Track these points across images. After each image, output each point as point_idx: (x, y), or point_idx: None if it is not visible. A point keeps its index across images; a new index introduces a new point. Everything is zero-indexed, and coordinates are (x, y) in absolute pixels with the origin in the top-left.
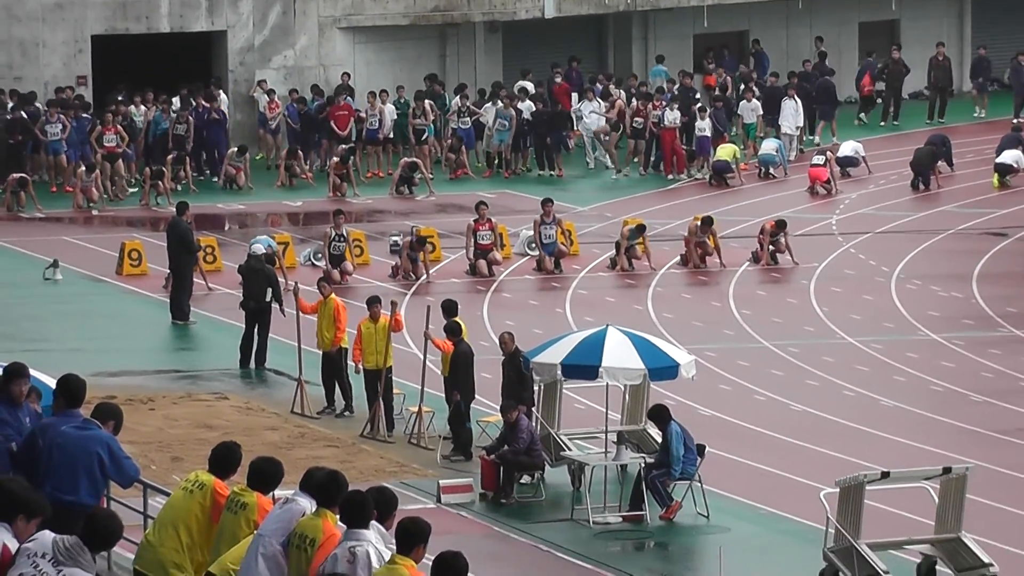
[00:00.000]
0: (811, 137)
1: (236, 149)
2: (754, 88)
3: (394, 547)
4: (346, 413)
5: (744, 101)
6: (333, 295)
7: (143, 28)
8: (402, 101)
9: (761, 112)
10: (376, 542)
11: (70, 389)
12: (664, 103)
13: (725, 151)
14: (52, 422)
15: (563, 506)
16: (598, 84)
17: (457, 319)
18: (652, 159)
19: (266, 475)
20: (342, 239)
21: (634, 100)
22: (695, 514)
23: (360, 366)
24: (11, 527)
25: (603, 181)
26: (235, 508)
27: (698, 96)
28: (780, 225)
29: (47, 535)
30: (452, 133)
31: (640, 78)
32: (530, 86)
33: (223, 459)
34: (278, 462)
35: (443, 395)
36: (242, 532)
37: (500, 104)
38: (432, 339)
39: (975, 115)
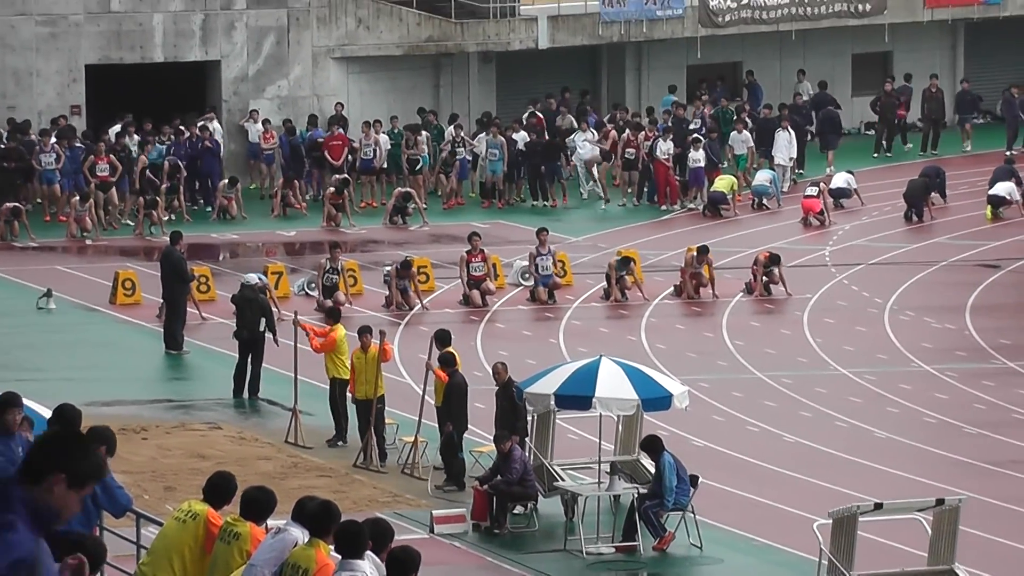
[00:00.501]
0: (800, 171)
1: (227, 181)
2: (746, 119)
3: None
4: (339, 443)
5: (735, 132)
6: (339, 326)
7: (137, 57)
8: (396, 131)
9: (752, 143)
10: (371, 573)
11: (65, 418)
12: (657, 134)
13: (723, 183)
14: None
15: (556, 536)
16: (591, 115)
17: (451, 349)
18: (645, 190)
19: (259, 504)
20: (336, 272)
21: (626, 131)
22: (688, 545)
23: (353, 396)
24: None
25: (596, 211)
26: (228, 538)
27: (691, 127)
28: (774, 259)
29: None
30: (450, 156)
31: (633, 108)
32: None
33: (218, 489)
34: (270, 491)
35: (436, 425)
36: (235, 562)
37: (489, 135)
38: (433, 369)
39: (964, 149)
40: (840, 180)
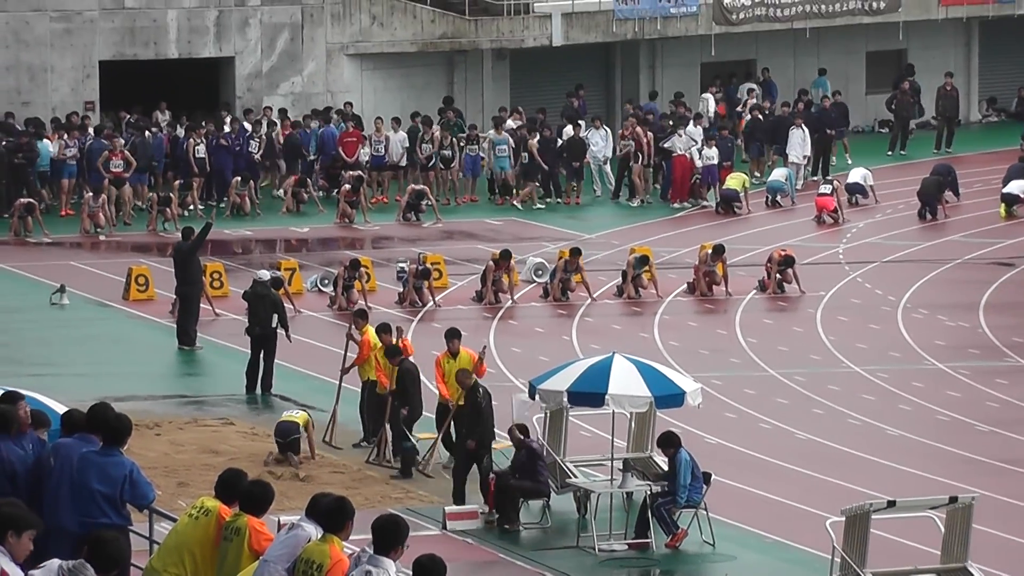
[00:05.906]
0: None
1: (239, 179)
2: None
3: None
4: (363, 443)
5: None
6: (367, 327)
7: (151, 54)
8: (416, 128)
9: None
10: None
11: (102, 422)
12: (669, 127)
13: (735, 180)
14: (68, 443)
15: (569, 533)
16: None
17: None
18: (657, 186)
19: (255, 498)
20: (353, 279)
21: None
22: (701, 542)
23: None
24: (3, 546)
25: (610, 209)
26: (230, 535)
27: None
28: (788, 261)
29: (54, 562)
30: (449, 151)
31: (646, 107)
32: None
33: (229, 485)
34: (266, 484)
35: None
36: (242, 555)
37: (493, 132)
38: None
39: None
40: (857, 176)
